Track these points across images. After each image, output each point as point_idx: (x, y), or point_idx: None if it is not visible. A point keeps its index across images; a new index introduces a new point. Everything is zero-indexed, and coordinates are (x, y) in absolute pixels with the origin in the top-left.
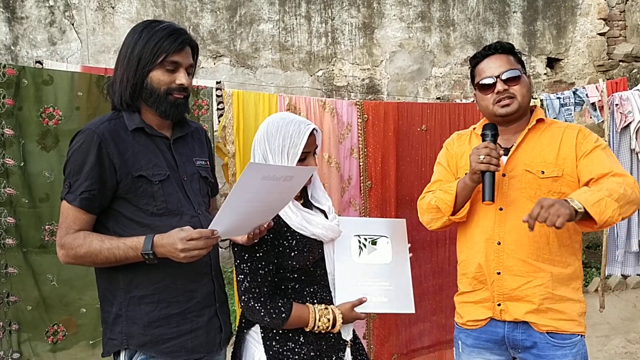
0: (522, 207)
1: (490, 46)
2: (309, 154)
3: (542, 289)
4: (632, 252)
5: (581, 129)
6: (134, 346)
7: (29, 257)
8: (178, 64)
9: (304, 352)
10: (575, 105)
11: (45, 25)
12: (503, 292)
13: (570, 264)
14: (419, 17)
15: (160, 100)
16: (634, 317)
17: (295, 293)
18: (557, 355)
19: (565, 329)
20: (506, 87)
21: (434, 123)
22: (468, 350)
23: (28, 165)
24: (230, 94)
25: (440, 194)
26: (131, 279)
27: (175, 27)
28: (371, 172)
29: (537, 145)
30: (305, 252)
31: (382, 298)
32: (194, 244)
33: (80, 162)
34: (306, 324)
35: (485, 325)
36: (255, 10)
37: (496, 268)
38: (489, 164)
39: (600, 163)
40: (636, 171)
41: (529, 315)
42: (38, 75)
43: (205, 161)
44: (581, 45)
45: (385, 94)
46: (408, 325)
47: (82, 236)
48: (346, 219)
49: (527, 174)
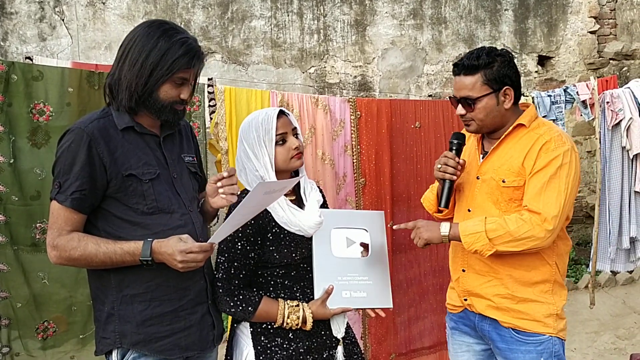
0: (488, 211)
1: (458, 64)
2: (286, 135)
3: (500, 289)
4: (623, 249)
5: (552, 139)
6: (127, 345)
7: (19, 255)
8: (186, 79)
9: (293, 349)
10: (565, 103)
11: (35, 21)
12: (466, 289)
13: (535, 268)
14: (410, 15)
15: (163, 110)
16: (623, 314)
17: (284, 289)
18: (521, 350)
19: (527, 328)
20: (463, 112)
21: (427, 120)
22: (451, 332)
23: (18, 162)
24: (222, 91)
25: (427, 192)
26: (123, 277)
27: (192, 42)
28: (364, 169)
29: (510, 152)
30: (292, 247)
31: (360, 293)
32: (192, 257)
33: (70, 161)
34: (274, 319)
35: (461, 311)
36: (247, 7)
37: (462, 265)
38: (445, 173)
39: (532, 191)
40: (628, 168)
41: (490, 311)
42: (28, 71)
43: (192, 157)
44: (572, 43)
45: (377, 91)
46: (407, 325)
47: (77, 238)
48: (326, 211)
49: (492, 180)
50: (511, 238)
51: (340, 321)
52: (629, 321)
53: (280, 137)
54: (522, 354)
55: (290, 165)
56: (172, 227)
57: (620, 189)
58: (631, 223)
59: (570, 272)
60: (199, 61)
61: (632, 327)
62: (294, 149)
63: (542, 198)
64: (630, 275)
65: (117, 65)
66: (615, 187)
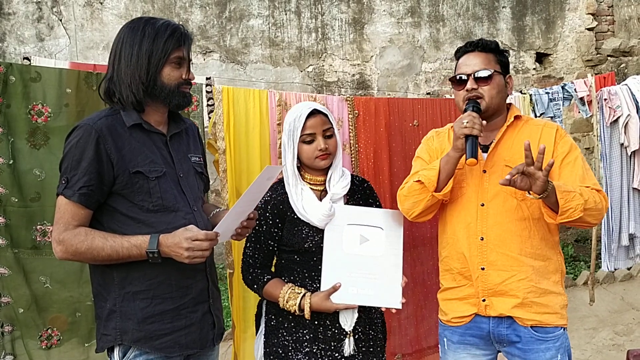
0: (503, 203)
1: (472, 43)
2: (314, 135)
3: (525, 282)
4: (623, 245)
5: (559, 129)
6: (128, 342)
7: (20, 258)
8: (183, 59)
9: (298, 335)
10: (563, 100)
11: (32, 21)
12: (487, 288)
13: (549, 258)
14: (408, 13)
15: (172, 95)
16: (622, 310)
17: (298, 275)
18: (541, 349)
19: (549, 322)
20: (475, 87)
21: (425, 118)
22: (454, 347)
23: (17, 164)
24: (220, 90)
25: (423, 172)
26: (126, 275)
27: (174, 23)
28: (363, 167)
29: (516, 141)
30: (304, 235)
31: (368, 291)
32: (198, 244)
33: (77, 157)
34: (277, 301)
35: (470, 322)
36: (245, 6)
37: (480, 264)
38: (472, 128)
39: (575, 175)
40: (626, 165)
41: (515, 309)
42: (26, 72)
43: (199, 157)
44: (570, 40)
45: (376, 89)
46: (412, 325)
47: (84, 232)
48: (341, 207)
49: (507, 169)
50: (594, 207)
51: (349, 314)
52: (627, 317)
53: (308, 137)
54: (543, 352)
55: (315, 164)
56: (176, 226)
57: (620, 185)
58: (630, 220)
59: (569, 269)
60: (188, 38)
61: (630, 323)
62: (319, 150)
63: (589, 178)
64: (629, 272)
65: (112, 68)
66: (616, 184)
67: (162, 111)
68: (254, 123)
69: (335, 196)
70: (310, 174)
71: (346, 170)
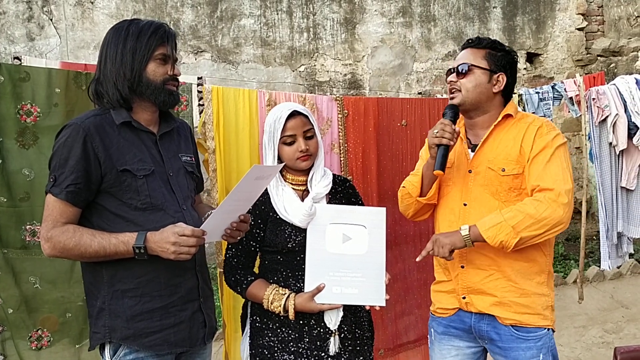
0: (485, 203)
1: (469, 39)
2: (295, 137)
3: (503, 281)
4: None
5: (543, 125)
6: (117, 339)
7: (9, 258)
8: (167, 56)
9: (283, 335)
10: (553, 99)
11: (23, 21)
12: (467, 285)
13: (533, 259)
14: (400, 13)
15: (158, 91)
16: (611, 308)
17: (281, 275)
18: (522, 347)
19: (529, 322)
20: (454, 80)
21: (414, 118)
22: (439, 338)
23: (6, 164)
24: (210, 90)
25: (408, 178)
26: (115, 272)
27: (157, 22)
28: (352, 167)
29: (502, 141)
30: (286, 235)
31: (352, 289)
32: (185, 240)
33: (65, 155)
34: (261, 302)
35: (454, 315)
36: (237, 5)
37: (460, 262)
38: (442, 137)
39: (536, 172)
40: (615, 164)
41: (493, 308)
42: (15, 72)
43: (190, 157)
44: (560, 40)
45: (367, 89)
46: (394, 320)
47: (72, 229)
48: (323, 206)
49: (489, 171)
50: (533, 220)
51: (334, 314)
52: (616, 315)
53: (289, 138)
54: (523, 351)
55: (296, 165)
56: (164, 224)
57: (610, 184)
58: (618, 218)
59: (559, 267)
60: (172, 36)
61: (619, 321)
62: (300, 151)
63: (549, 175)
64: (619, 270)
65: (99, 70)
66: (607, 182)
67: (151, 110)
68: (244, 123)
69: (318, 196)
70: (292, 174)
71: (327, 169)
